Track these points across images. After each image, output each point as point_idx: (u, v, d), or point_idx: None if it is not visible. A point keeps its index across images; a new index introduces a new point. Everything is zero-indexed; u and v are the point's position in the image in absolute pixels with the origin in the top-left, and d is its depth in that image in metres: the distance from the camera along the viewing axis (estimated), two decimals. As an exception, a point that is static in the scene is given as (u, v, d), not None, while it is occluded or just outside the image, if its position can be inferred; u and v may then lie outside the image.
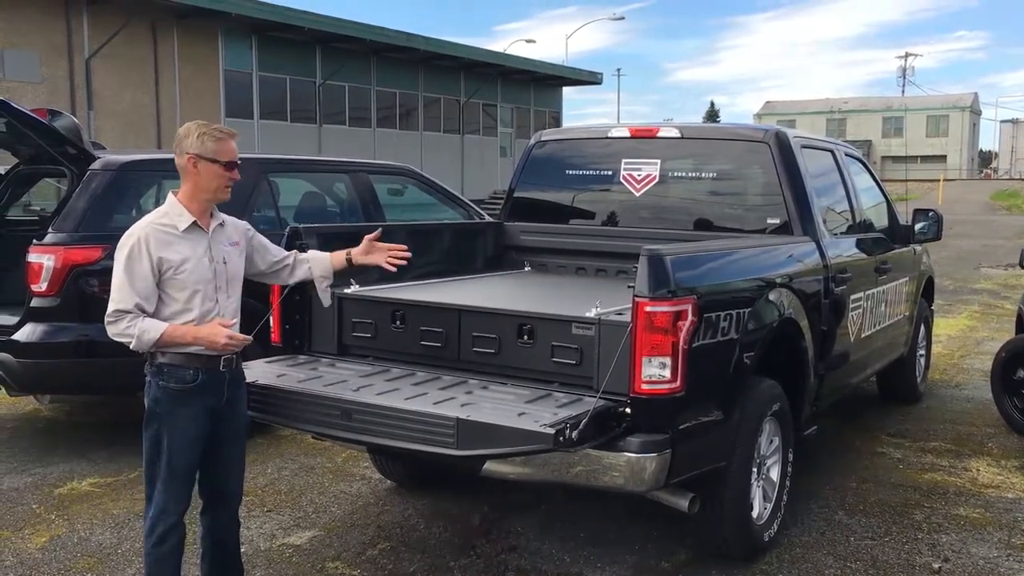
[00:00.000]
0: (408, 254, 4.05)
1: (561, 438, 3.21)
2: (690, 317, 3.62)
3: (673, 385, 3.58)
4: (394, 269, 4.00)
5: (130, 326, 3.22)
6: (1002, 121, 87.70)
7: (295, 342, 4.52)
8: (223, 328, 3.26)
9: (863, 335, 5.75)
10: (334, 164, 7.38)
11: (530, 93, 39.94)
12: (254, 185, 6.38)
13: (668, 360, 3.56)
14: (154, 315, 3.28)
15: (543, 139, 5.99)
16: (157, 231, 3.30)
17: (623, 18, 49.15)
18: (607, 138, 5.68)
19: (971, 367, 8.95)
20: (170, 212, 3.36)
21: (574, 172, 5.81)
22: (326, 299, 4.04)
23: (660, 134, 5.48)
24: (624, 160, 5.57)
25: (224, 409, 3.44)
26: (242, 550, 4.42)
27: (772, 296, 4.37)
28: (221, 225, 3.49)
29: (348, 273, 4.64)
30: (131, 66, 23.93)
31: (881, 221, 6.53)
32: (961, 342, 10.36)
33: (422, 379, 3.96)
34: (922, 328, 7.48)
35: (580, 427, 3.29)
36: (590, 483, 3.65)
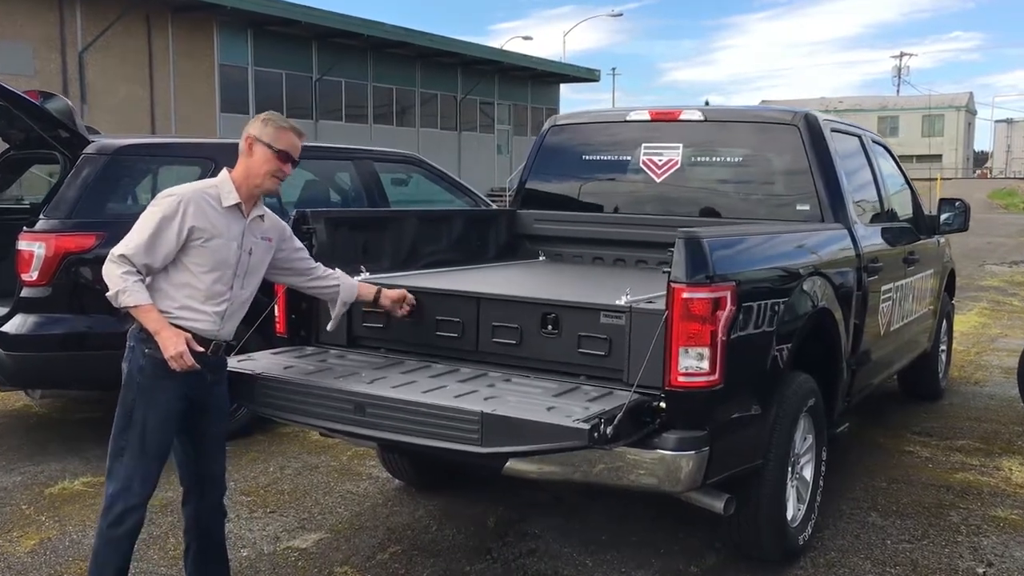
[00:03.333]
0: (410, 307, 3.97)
1: (596, 434, 2.96)
2: (729, 305, 3.37)
3: (711, 378, 3.34)
4: (403, 313, 3.94)
5: (123, 278, 3.10)
6: (997, 121, 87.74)
7: (301, 333, 4.26)
8: (185, 347, 3.12)
9: (892, 328, 5.52)
10: (338, 151, 7.09)
11: (527, 90, 39.66)
12: (255, 172, 6.11)
13: (706, 351, 3.32)
14: (164, 277, 3.19)
15: (557, 123, 5.74)
16: (201, 198, 3.21)
17: (621, 14, 48.71)
18: (626, 122, 5.43)
19: (989, 364, 8.72)
20: (220, 186, 3.29)
21: (590, 157, 5.56)
22: (334, 325, 3.89)
23: (682, 117, 5.22)
24: (644, 145, 5.31)
25: (206, 393, 3.32)
26: (244, 554, 4.19)
27: (807, 286, 4.12)
28: (260, 218, 3.41)
29: (361, 261, 4.42)
30: (125, 60, 23.59)
31: (906, 210, 6.29)
32: (975, 339, 10.13)
33: (439, 371, 3.70)
34: (943, 323, 7.25)
35: (615, 422, 3.04)
36: (621, 483, 3.40)
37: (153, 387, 3.18)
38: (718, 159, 5.18)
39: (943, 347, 7.34)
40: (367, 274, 4.27)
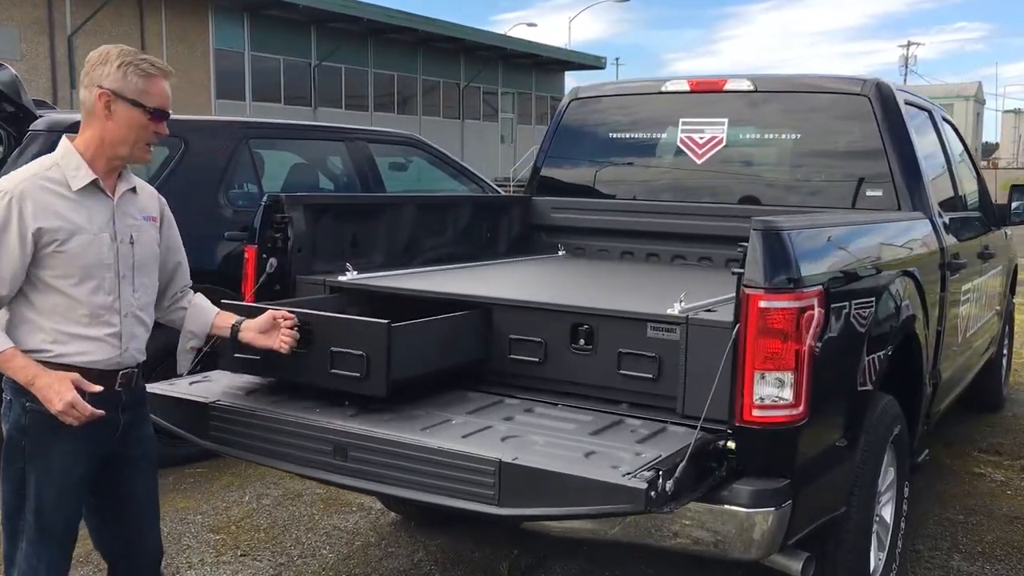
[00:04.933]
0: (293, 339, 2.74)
1: (654, 493, 2.20)
2: (817, 315, 2.62)
3: (795, 411, 2.58)
4: (286, 350, 2.72)
5: None
6: (1005, 111, 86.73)
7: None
8: (75, 394, 2.28)
9: (968, 335, 4.76)
10: (328, 131, 6.29)
11: (532, 78, 38.81)
12: (231, 154, 5.35)
13: (789, 376, 2.56)
14: (25, 303, 2.35)
15: (579, 95, 4.96)
16: (40, 188, 2.32)
17: (628, -1, 47.20)
18: (660, 93, 4.65)
19: (1044, 367, 7.95)
20: (63, 164, 2.38)
21: (618, 135, 4.78)
22: (184, 364, 2.78)
23: (728, 87, 4.45)
24: (682, 120, 4.55)
25: (120, 442, 2.48)
26: (204, 616, 3.43)
27: (894, 288, 3.36)
28: (132, 192, 2.51)
29: (348, 257, 3.66)
30: (116, 44, 22.65)
31: (974, 198, 5.52)
32: (1021, 339, 9.34)
33: (443, 399, 2.94)
34: (1007, 325, 6.49)
35: (677, 474, 2.28)
36: (671, 546, 2.65)
37: (43, 449, 2.35)
38: (771, 136, 4.41)
39: (1005, 351, 6.58)
40: (355, 273, 3.51)
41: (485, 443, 2.48)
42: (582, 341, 2.94)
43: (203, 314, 2.72)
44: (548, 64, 38.74)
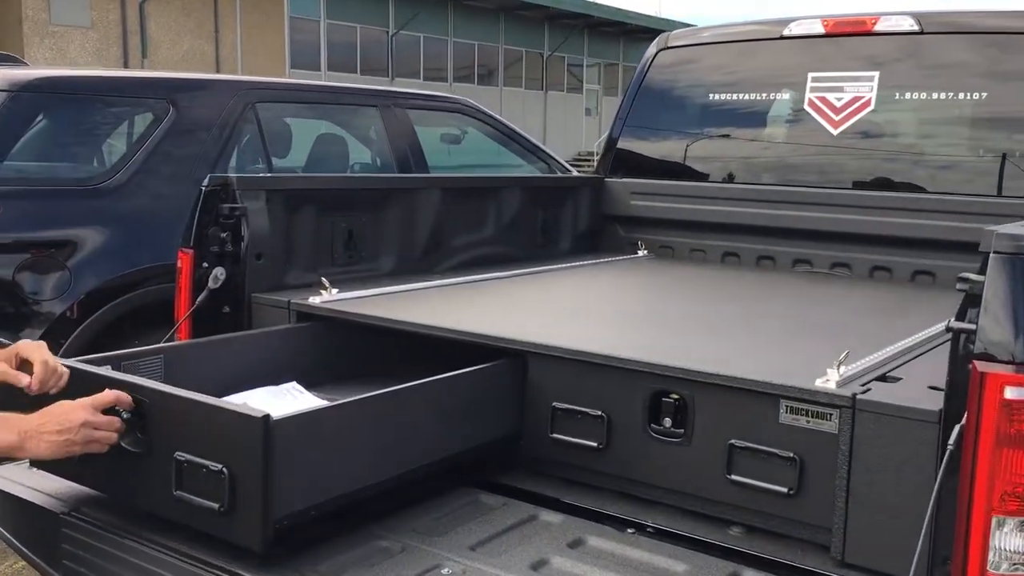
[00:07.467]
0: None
1: None
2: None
3: (1063, 585, 1.41)
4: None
5: None
6: None
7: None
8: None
9: None
10: (356, 94, 5.15)
11: (619, 47, 37.23)
12: (234, 122, 4.30)
13: (1054, 523, 1.39)
14: None
15: (671, 44, 3.78)
16: None
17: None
18: (782, 38, 3.43)
19: None
20: None
21: (721, 96, 3.58)
22: None
23: (880, 27, 3.21)
24: (812, 75, 3.32)
25: None
26: None
27: None
28: None
29: (336, 265, 2.61)
30: (189, 11, 22.21)
31: None
32: None
33: (436, 508, 1.83)
34: None
35: None
36: None
37: None
38: (941, 96, 3.14)
39: None
40: (333, 292, 2.41)
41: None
42: (668, 421, 1.81)
43: None
44: (636, 33, 37.07)
